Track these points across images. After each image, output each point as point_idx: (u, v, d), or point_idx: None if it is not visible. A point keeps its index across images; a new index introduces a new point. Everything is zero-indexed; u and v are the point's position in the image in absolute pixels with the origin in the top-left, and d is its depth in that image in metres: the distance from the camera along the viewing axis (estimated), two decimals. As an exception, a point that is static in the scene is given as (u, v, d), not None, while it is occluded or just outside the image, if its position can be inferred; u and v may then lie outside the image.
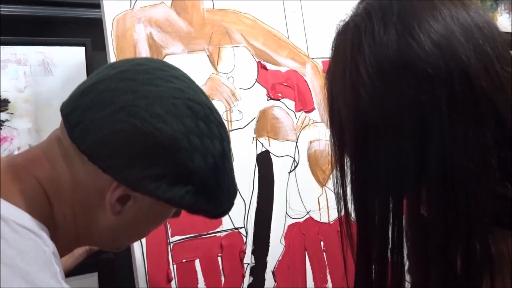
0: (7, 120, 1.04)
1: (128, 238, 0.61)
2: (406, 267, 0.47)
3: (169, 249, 0.88)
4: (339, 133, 0.47)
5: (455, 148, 0.39)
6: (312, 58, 1.08)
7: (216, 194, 0.55)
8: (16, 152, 1.02)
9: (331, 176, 1.07)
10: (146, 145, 0.49)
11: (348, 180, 0.48)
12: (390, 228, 0.44)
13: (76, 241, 0.57)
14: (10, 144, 1.03)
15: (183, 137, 0.50)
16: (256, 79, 1.01)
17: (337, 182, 0.50)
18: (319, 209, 1.05)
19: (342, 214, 0.50)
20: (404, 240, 0.44)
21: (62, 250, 0.51)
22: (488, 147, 0.39)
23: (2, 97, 1.02)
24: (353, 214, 0.47)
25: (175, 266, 0.89)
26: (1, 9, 0.98)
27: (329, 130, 0.49)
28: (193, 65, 0.94)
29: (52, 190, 0.51)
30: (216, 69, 0.97)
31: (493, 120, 0.39)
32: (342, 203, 0.49)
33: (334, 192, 0.51)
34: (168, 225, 0.89)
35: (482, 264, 0.39)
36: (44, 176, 0.51)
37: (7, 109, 1.03)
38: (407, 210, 0.45)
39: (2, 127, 1.03)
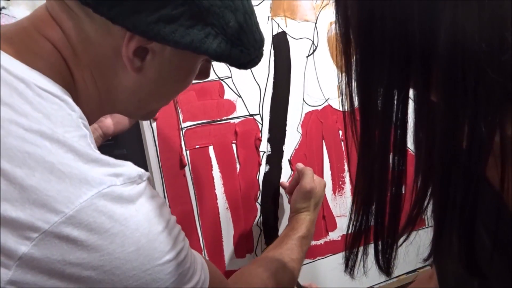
0: (4, 8, 0.97)
1: (156, 100, 0.57)
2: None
3: (181, 135, 0.85)
4: (343, 11, 0.42)
5: (468, 22, 0.34)
6: None
7: (240, 38, 0.50)
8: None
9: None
10: None
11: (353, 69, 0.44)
12: (394, 117, 0.40)
13: (101, 109, 0.54)
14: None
15: None
16: (271, -51, 0.89)
17: (341, 71, 0.45)
18: (338, 96, 0.99)
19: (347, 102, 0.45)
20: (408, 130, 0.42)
21: (87, 119, 0.48)
22: (504, 19, 0.34)
23: (-5, -19, 0.94)
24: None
25: (188, 152, 0.86)
26: None
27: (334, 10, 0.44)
28: None
29: (67, 52, 0.47)
30: None
31: None
32: (347, 90, 0.45)
33: (338, 82, 0.46)
34: (180, 110, 0.84)
35: (485, 147, 0.37)
36: (56, 37, 0.47)
37: (1, -5, 0.96)
38: (415, 97, 0.42)
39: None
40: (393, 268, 0.47)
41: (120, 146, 0.95)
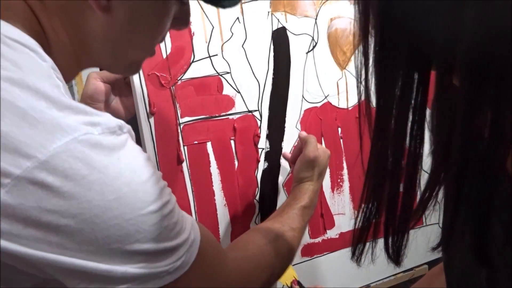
0: None
1: (132, 47, 0.54)
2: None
3: (179, 130, 0.84)
4: None
5: (497, 3, 0.33)
6: None
7: None
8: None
9: (352, 57, 0.99)
10: None
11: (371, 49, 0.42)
12: (413, 100, 0.39)
13: (77, 62, 0.52)
14: None
15: None
16: None
17: (359, 51, 0.43)
18: (338, 94, 0.99)
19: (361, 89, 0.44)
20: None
21: (63, 73, 0.47)
22: None
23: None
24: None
25: (186, 148, 0.85)
26: None
27: None
28: None
29: (33, 1, 0.46)
30: None
31: None
32: (363, 71, 0.43)
33: (354, 64, 0.44)
34: (178, 105, 0.83)
35: (508, 137, 0.35)
36: None
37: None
38: (436, 82, 0.39)
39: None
40: (403, 257, 0.46)
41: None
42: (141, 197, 0.43)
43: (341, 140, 1.00)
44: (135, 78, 0.78)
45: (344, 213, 1.03)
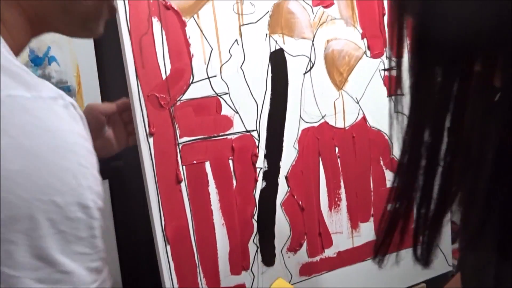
0: None
1: None
2: None
3: (177, 150, 0.84)
4: None
5: None
6: None
7: None
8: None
9: (349, 77, 1.00)
10: None
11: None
12: (453, 97, 0.38)
13: (30, 26, 0.50)
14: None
15: None
16: (269, -32, 0.91)
17: (391, 47, 0.43)
18: (335, 114, 1.00)
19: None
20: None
21: (14, 41, 0.46)
22: None
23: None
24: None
25: (184, 167, 0.85)
26: None
27: None
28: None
29: None
30: (225, -45, 0.86)
31: None
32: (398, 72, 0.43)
33: (387, 57, 0.44)
34: (177, 126, 0.84)
35: None
36: None
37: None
38: (476, 81, 0.39)
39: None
40: (434, 256, 0.45)
41: (117, 157, 0.95)
42: (55, 184, 0.39)
43: (338, 160, 1.01)
44: (135, 98, 0.80)
45: (342, 231, 1.03)
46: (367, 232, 1.06)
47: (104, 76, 1.05)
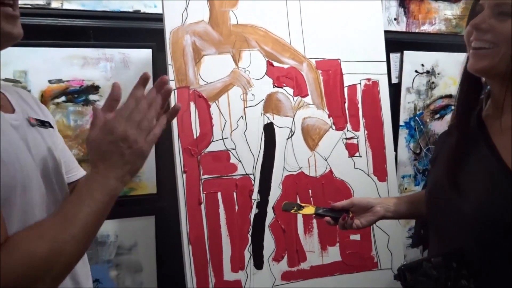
0: (97, 101, 1.49)
1: None
2: None
3: (200, 183, 1.33)
4: None
5: None
6: (308, 58, 1.49)
7: None
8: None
9: (319, 142, 1.48)
10: None
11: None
12: None
13: None
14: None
15: None
16: (265, 73, 1.44)
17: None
18: (309, 166, 1.46)
19: None
20: None
21: None
22: None
23: (95, 85, 1.49)
24: None
25: (204, 195, 1.34)
26: (98, 23, 1.45)
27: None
28: (221, 62, 1.38)
29: None
30: (237, 65, 1.41)
31: None
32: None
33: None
34: (201, 168, 1.34)
35: None
36: None
37: (98, 93, 1.49)
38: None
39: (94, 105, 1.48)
40: None
41: (162, 200, 1.45)
42: None
43: (311, 198, 1.46)
44: (176, 150, 1.31)
45: (313, 251, 1.45)
46: (333, 253, 1.46)
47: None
